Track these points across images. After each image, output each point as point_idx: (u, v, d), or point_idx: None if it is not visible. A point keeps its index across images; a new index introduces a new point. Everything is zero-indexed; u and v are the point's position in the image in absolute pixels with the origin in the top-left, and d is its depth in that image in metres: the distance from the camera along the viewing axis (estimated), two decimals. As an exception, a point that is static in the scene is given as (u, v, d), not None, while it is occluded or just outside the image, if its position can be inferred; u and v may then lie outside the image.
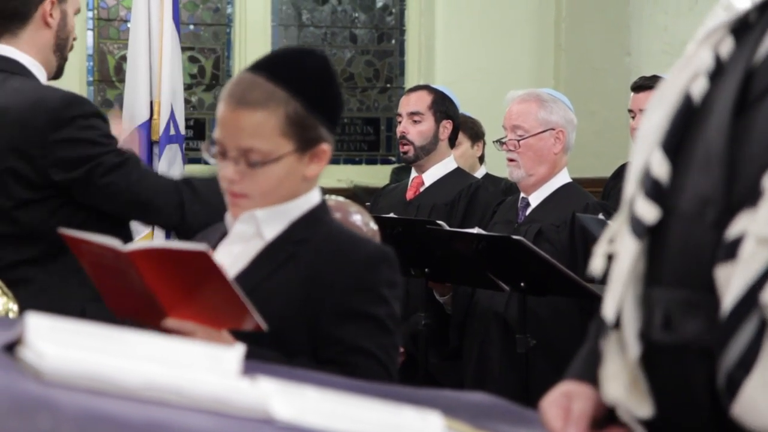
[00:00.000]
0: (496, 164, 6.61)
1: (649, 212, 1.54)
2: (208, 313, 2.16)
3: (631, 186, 1.60)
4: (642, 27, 8.65)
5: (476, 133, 6.10)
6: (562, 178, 4.54)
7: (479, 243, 4.05)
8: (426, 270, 4.36)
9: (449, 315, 4.69)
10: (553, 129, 4.47)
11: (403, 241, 4.30)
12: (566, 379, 1.73)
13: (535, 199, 4.49)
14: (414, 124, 4.98)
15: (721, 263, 1.43)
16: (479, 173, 5.89)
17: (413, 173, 5.11)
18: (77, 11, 3.50)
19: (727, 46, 1.58)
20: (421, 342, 4.48)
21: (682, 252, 1.51)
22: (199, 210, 3.22)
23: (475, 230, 4.19)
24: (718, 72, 1.57)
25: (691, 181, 1.52)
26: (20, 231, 3.23)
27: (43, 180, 3.20)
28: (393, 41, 9.34)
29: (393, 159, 9.10)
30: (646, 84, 5.57)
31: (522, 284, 4.03)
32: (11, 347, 1.33)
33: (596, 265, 1.64)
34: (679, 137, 1.56)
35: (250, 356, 1.49)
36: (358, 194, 8.14)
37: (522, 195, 4.55)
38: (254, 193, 2.34)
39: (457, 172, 5.11)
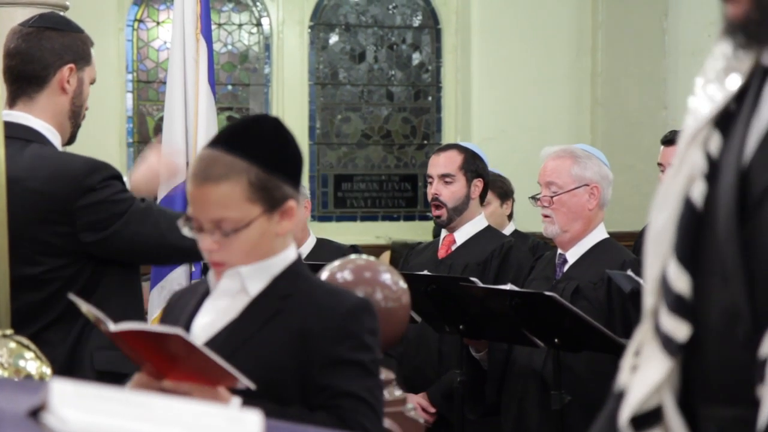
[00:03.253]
0: (525, 221, 6.63)
1: (679, 330, 1.55)
2: (199, 375, 2.25)
3: (651, 297, 1.61)
4: (678, 80, 8.66)
5: (505, 192, 6.11)
6: (599, 233, 4.51)
7: (513, 299, 4.05)
8: (461, 327, 4.36)
9: (485, 371, 4.68)
10: (588, 185, 4.46)
11: (437, 298, 4.31)
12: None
13: (572, 255, 4.48)
14: (446, 185, 4.96)
15: (759, 384, 1.44)
16: (508, 230, 5.88)
17: (444, 231, 5.10)
18: (93, 81, 3.54)
19: (715, 143, 1.59)
20: (457, 398, 4.47)
21: (722, 370, 1.53)
22: None
23: (508, 287, 4.19)
24: (712, 172, 1.58)
25: (714, 295, 1.53)
26: (46, 297, 3.27)
27: (71, 245, 3.25)
28: (429, 98, 9.39)
29: (431, 215, 9.13)
30: (675, 138, 5.56)
31: (556, 340, 4.02)
32: (35, 412, 1.36)
33: (624, 378, 1.66)
34: (691, 245, 1.56)
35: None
36: (396, 250, 8.15)
37: (559, 251, 4.53)
38: (233, 260, 2.48)
39: (488, 230, 5.09)
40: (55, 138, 3.42)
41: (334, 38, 9.32)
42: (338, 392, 2.39)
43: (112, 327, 2.20)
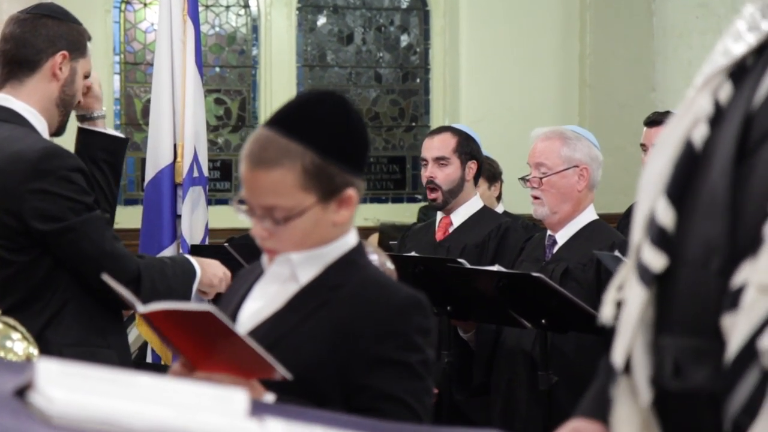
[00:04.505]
0: (514, 202, 6.64)
1: (656, 260, 1.55)
2: (234, 365, 2.17)
3: (638, 233, 1.61)
4: (667, 62, 8.67)
5: (493, 174, 6.12)
6: (588, 215, 4.51)
7: (500, 280, 4.06)
8: (448, 308, 4.36)
9: (473, 352, 4.69)
10: (577, 166, 4.46)
11: (424, 280, 4.31)
12: (577, 416, 1.74)
13: (562, 237, 4.48)
14: (440, 168, 4.97)
15: (726, 312, 1.44)
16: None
17: (440, 214, 5.11)
18: (87, 74, 3.53)
19: (725, 92, 1.59)
20: (445, 379, 4.48)
21: (690, 300, 1.53)
22: (154, 290, 3.29)
23: (495, 268, 4.20)
24: (717, 118, 1.58)
25: (697, 228, 1.54)
26: (5, 278, 3.26)
27: (24, 228, 3.24)
28: (418, 80, 9.39)
29: (419, 197, 9.13)
30: (658, 119, 5.60)
31: (543, 321, 4.03)
32: (21, 392, 1.35)
33: (606, 312, 1.65)
34: (683, 184, 1.57)
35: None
36: (385, 232, 8.16)
37: (549, 233, 4.54)
38: (284, 248, 2.34)
39: (485, 211, 5.10)
40: (38, 122, 3.41)
41: (322, 20, 9.30)
42: (379, 394, 2.25)
43: (141, 308, 2.13)
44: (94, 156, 3.62)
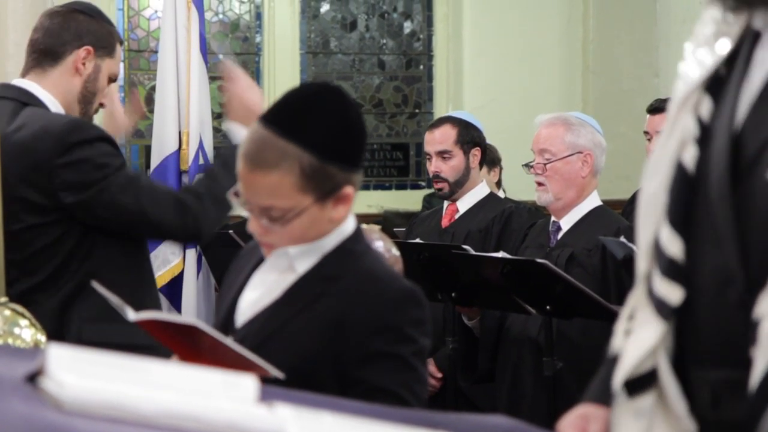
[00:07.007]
0: (516, 189, 6.63)
1: (672, 294, 1.56)
2: (226, 365, 2.18)
3: (644, 261, 1.61)
4: (670, 48, 8.64)
5: (492, 159, 6.12)
6: (592, 201, 4.52)
7: (505, 267, 4.06)
8: (453, 294, 4.37)
9: (478, 338, 4.70)
10: (581, 152, 4.47)
11: (429, 267, 4.32)
12: (583, 402, 1.75)
13: (566, 223, 4.48)
14: (444, 161, 4.98)
15: (751, 345, 1.45)
16: (498, 198, 5.90)
17: (446, 201, 5.11)
18: (113, 77, 3.54)
19: (706, 107, 1.59)
20: (450, 366, 4.49)
21: (714, 332, 1.54)
22: (207, 215, 3.34)
23: (500, 254, 4.20)
24: (704, 136, 1.58)
25: (706, 257, 1.54)
26: (29, 256, 3.27)
27: (53, 203, 3.25)
28: (421, 67, 9.37)
29: (423, 184, 9.12)
30: (661, 106, 5.57)
31: (548, 307, 4.03)
32: (33, 377, 1.36)
33: (617, 342, 1.66)
34: (684, 209, 1.57)
35: None
36: (389, 219, 8.15)
37: (553, 219, 4.54)
38: (281, 244, 2.36)
39: (491, 197, 5.11)
40: (57, 110, 3.43)
41: (325, 7, 9.28)
42: (372, 387, 2.25)
43: (131, 316, 2.15)
44: None
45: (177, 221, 3.30)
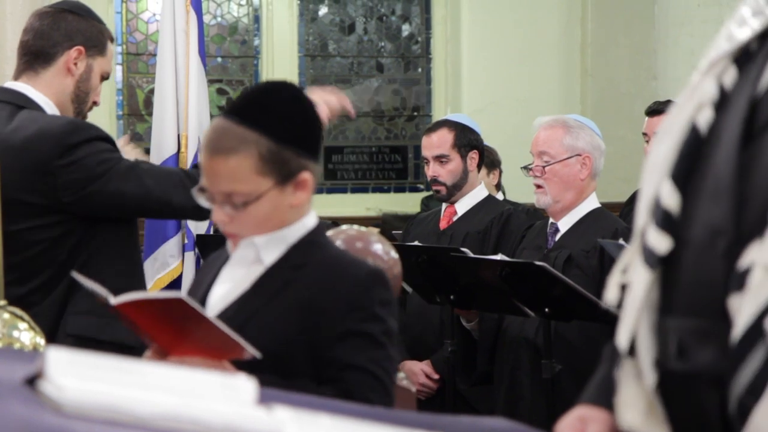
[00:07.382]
0: (515, 192, 6.63)
1: (661, 242, 1.56)
2: (205, 348, 2.24)
3: (642, 216, 1.62)
4: (668, 51, 8.65)
5: (491, 162, 6.12)
6: (591, 203, 4.52)
7: (503, 269, 4.06)
8: (451, 297, 4.37)
9: (476, 341, 4.70)
10: (579, 155, 4.47)
11: (428, 269, 4.33)
12: (581, 404, 1.75)
13: (564, 224, 4.49)
14: (442, 165, 4.98)
15: (732, 293, 1.45)
16: (497, 200, 5.90)
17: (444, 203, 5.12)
18: (105, 75, 3.55)
19: (730, 76, 1.60)
20: (448, 368, 4.50)
21: (695, 282, 1.54)
22: None
23: (499, 257, 4.20)
24: (722, 102, 1.59)
25: (702, 211, 1.54)
26: (30, 258, 3.28)
27: (52, 204, 3.26)
28: (419, 69, 9.37)
29: (421, 186, 9.13)
30: (660, 108, 5.61)
31: (546, 310, 4.04)
32: (32, 380, 1.37)
33: (611, 295, 1.67)
34: (688, 167, 1.58)
35: None
36: (387, 221, 8.16)
37: (551, 221, 4.54)
38: (245, 232, 2.45)
39: (489, 199, 5.11)
40: (52, 111, 3.43)
41: (323, 10, 9.28)
42: (344, 365, 2.36)
43: (113, 300, 2.19)
44: None
45: (183, 196, 3.32)
